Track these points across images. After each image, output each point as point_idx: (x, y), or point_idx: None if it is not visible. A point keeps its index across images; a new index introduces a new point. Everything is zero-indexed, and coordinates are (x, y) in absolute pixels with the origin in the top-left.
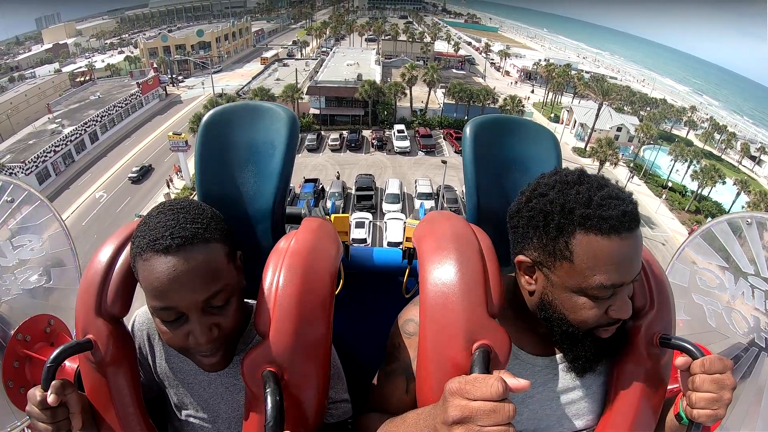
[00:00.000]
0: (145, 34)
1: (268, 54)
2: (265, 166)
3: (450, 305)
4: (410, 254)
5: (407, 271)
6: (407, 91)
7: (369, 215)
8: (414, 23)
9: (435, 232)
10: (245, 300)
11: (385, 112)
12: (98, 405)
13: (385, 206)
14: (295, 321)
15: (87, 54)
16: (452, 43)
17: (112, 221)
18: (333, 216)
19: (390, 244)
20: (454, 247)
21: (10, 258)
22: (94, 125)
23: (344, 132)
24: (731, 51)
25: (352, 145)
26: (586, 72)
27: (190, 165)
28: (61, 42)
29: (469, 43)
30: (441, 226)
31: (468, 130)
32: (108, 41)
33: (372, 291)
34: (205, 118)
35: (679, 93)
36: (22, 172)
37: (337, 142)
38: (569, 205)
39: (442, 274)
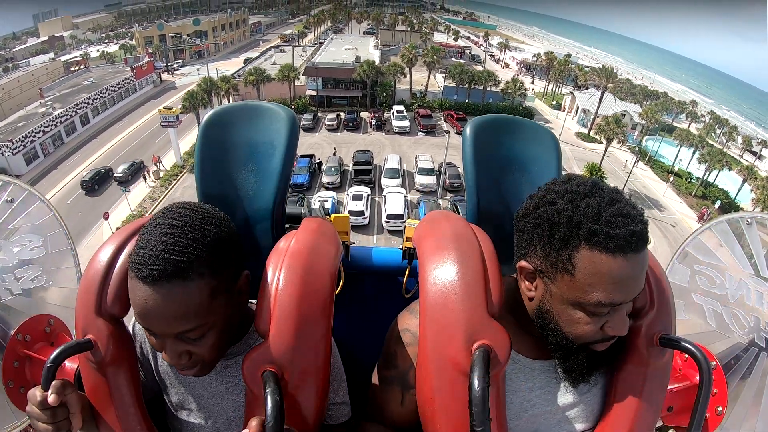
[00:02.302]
0: (142, 25)
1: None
2: (265, 166)
3: (450, 305)
4: (410, 254)
5: (407, 271)
6: (407, 72)
7: (367, 189)
8: (412, 18)
9: (435, 232)
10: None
11: (384, 94)
12: (98, 405)
13: (384, 181)
14: (295, 321)
15: (83, 46)
16: (451, 33)
17: (99, 198)
18: (333, 216)
19: (390, 216)
20: (454, 247)
21: (10, 258)
22: (86, 107)
23: (342, 113)
24: (728, 54)
25: (350, 124)
26: (586, 67)
27: (182, 144)
28: (57, 34)
29: (468, 38)
30: (441, 226)
31: (468, 130)
32: (104, 34)
33: (372, 291)
34: (205, 118)
35: (675, 91)
36: (9, 152)
37: (334, 122)
38: (577, 217)
39: (442, 274)
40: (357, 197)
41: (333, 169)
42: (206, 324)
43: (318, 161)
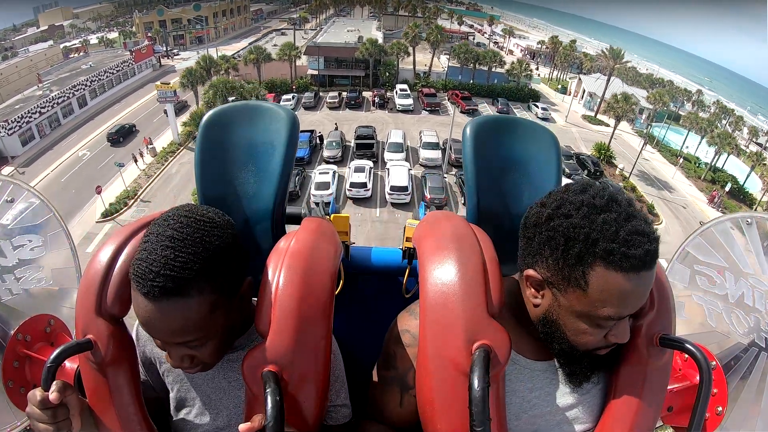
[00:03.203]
0: (142, 12)
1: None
2: (265, 166)
3: (450, 305)
4: (410, 254)
5: (407, 271)
6: (410, 51)
7: (370, 162)
8: (415, 3)
9: (435, 232)
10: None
11: (387, 74)
12: (98, 405)
13: (388, 155)
14: (295, 321)
15: (83, 34)
16: (455, 18)
17: (94, 175)
18: (333, 216)
19: (393, 188)
20: (454, 247)
21: (10, 258)
22: (83, 89)
23: (344, 92)
24: (730, 50)
25: (352, 103)
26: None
27: (178, 121)
28: (57, 24)
29: (471, 26)
30: (441, 226)
31: (468, 130)
32: (104, 23)
33: (372, 291)
34: (204, 118)
35: (678, 83)
36: (4, 132)
37: (336, 100)
38: (594, 235)
39: (442, 274)
40: (359, 169)
41: (334, 143)
42: (207, 335)
43: (319, 134)
